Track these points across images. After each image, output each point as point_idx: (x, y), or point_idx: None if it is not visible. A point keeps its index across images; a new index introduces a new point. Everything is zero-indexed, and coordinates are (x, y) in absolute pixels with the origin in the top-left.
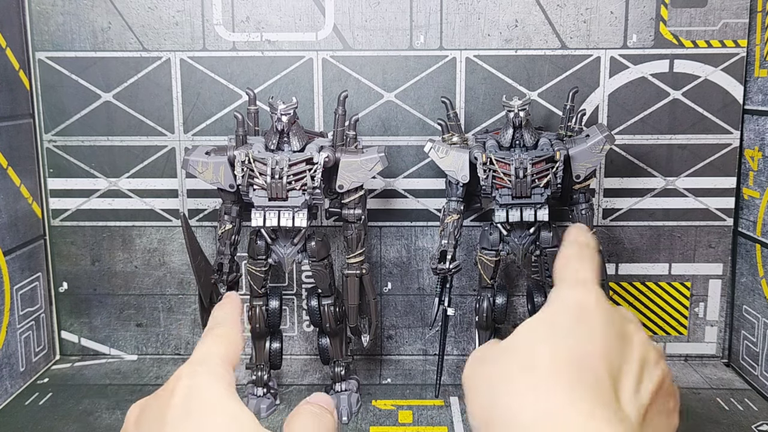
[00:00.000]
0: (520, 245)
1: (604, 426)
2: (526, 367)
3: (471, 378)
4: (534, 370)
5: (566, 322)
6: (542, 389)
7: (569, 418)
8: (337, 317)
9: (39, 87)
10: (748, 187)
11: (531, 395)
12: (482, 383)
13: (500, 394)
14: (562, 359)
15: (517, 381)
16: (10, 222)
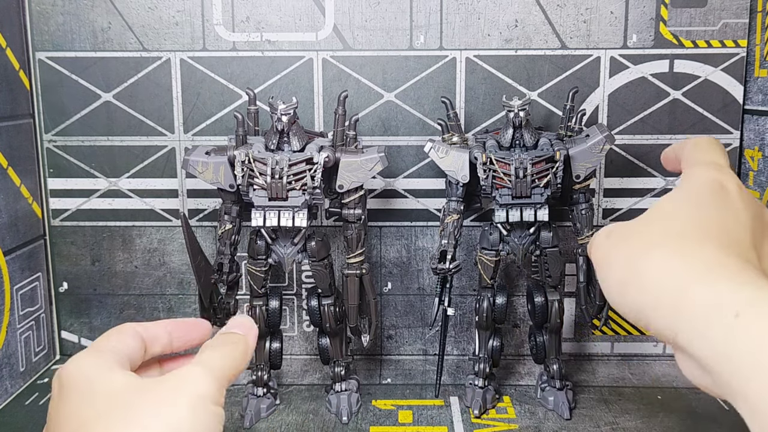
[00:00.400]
0: (520, 245)
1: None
2: (673, 234)
3: (605, 254)
4: (683, 237)
5: (708, 196)
6: (694, 252)
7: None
8: (337, 317)
9: (39, 87)
10: (748, 187)
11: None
12: (620, 255)
13: (646, 261)
14: (710, 228)
15: (665, 246)
16: (10, 222)
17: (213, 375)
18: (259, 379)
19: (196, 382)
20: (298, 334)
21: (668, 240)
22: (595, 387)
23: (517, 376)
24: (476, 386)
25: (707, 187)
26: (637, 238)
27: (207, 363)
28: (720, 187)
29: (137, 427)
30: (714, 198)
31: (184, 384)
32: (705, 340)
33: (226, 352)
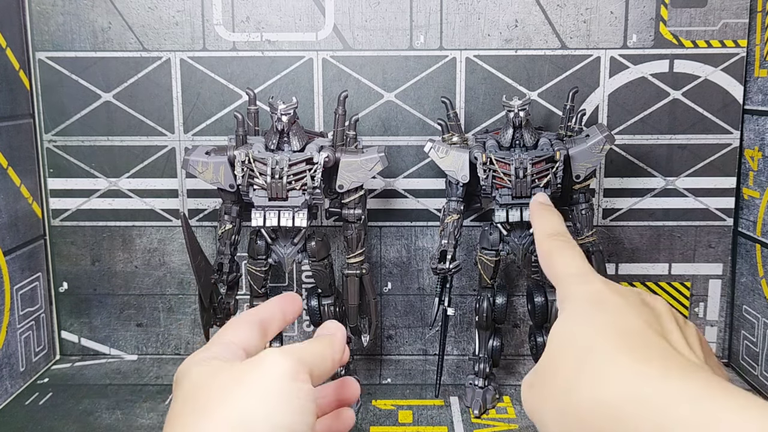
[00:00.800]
0: (520, 245)
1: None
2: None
3: (533, 408)
4: (592, 352)
5: (592, 311)
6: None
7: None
8: (337, 317)
9: (39, 87)
10: (748, 187)
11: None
12: (548, 408)
13: (575, 396)
14: (611, 335)
15: (584, 372)
16: (10, 222)
17: (291, 356)
18: None
19: (272, 362)
20: (298, 334)
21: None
22: None
23: (517, 376)
24: (476, 386)
25: (588, 305)
26: (558, 383)
27: (288, 348)
28: (597, 298)
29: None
30: (599, 311)
31: (260, 365)
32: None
33: (310, 346)
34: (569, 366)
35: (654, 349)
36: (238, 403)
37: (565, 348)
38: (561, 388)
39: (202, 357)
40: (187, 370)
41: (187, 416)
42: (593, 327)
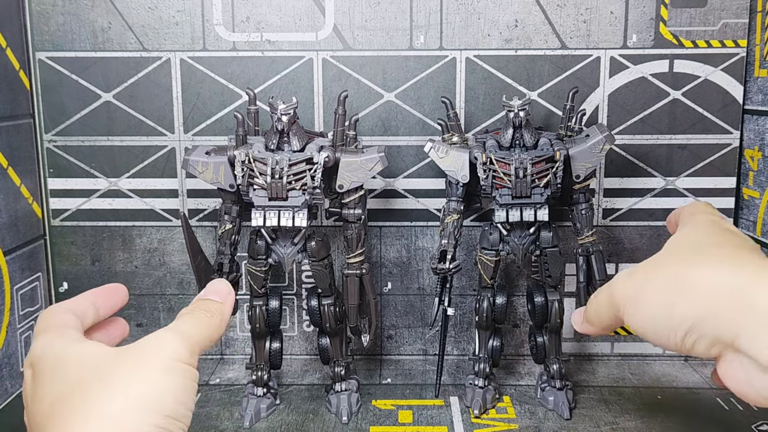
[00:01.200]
0: (520, 245)
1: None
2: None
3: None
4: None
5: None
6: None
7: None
8: (337, 317)
9: (39, 87)
10: (748, 187)
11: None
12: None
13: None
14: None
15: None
16: (10, 222)
17: (183, 339)
18: (259, 379)
19: (166, 344)
20: (298, 334)
21: (706, 257)
22: (595, 387)
23: (517, 376)
24: (476, 386)
25: (711, 223)
26: (670, 266)
27: (178, 329)
28: (720, 224)
29: (114, 392)
30: (720, 228)
31: (155, 347)
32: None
33: (201, 321)
34: (686, 256)
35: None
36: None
37: (685, 245)
38: (673, 272)
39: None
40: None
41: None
42: (714, 237)
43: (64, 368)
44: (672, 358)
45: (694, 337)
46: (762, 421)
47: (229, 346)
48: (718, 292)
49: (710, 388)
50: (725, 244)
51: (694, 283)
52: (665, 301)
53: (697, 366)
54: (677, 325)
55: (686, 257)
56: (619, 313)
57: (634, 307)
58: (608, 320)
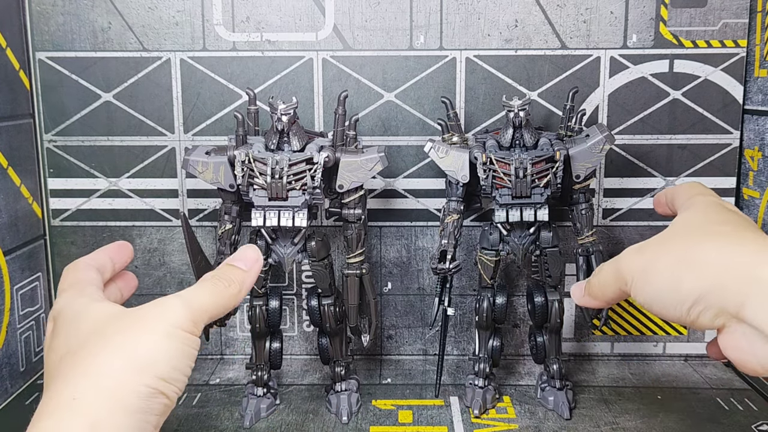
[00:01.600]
0: (520, 245)
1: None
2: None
3: (643, 264)
4: (723, 230)
5: (718, 207)
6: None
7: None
8: (337, 317)
9: (39, 87)
10: (748, 187)
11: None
12: (664, 259)
13: (701, 251)
14: (737, 223)
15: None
16: (10, 222)
17: (189, 308)
18: (259, 379)
19: (170, 311)
20: (298, 334)
21: (712, 235)
22: (595, 387)
23: (517, 376)
24: (476, 386)
25: (713, 203)
26: (678, 243)
27: (187, 297)
28: (722, 204)
29: (114, 351)
30: (722, 208)
31: (159, 313)
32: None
33: (216, 290)
34: (693, 234)
35: (757, 234)
36: (142, 342)
37: (691, 225)
38: (681, 248)
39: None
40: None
41: (93, 349)
42: (717, 216)
43: (78, 325)
44: (672, 358)
45: (699, 309)
46: (762, 421)
47: (229, 346)
48: (725, 265)
49: (710, 388)
50: (729, 223)
51: (702, 258)
52: (673, 275)
53: (697, 366)
54: (684, 298)
55: (693, 235)
56: (626, 287)
57: (642, 281)
58: (612, 294)
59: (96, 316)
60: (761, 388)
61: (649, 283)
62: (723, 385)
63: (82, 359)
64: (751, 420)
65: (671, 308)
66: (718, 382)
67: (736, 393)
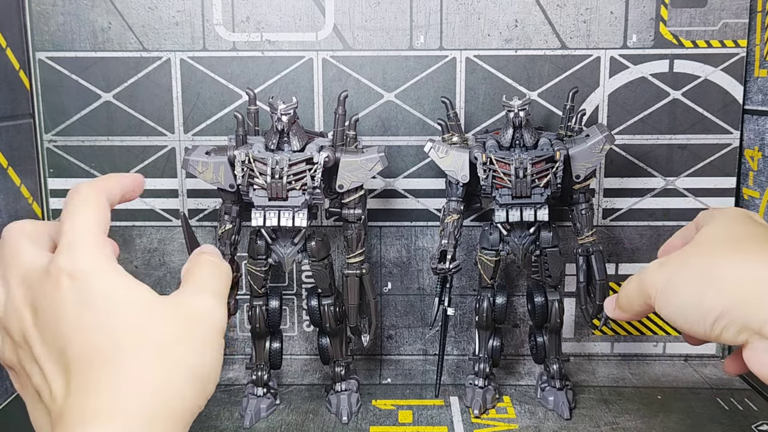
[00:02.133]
0: (520, 245)
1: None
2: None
3: (666, 279)
4: (746, 245)
5: (744, 218)
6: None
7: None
8: (337, 317)
9: (39, 87)
10: (748, 187)
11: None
12: (687, 274)
13: (723, 267)
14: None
15: (736, 252)
16: (10, 222)
17: (225, 305)
18: (259, 379)
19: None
20: (298, 334)
21: (734, 249)
22: (595, 387)
23: (517, 376)
24: (476, 386)
25: (736, 214)
26: (700, 258)
27: (221, 295)
28: (746, 214)
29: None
30: (748, 219)
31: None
32: None
33: (224, 282)
34: (716, 248)
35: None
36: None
37: (714, 238)
38: (703, 262)
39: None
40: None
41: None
42: (744, 228)
43: (117, 310)
44: (672, 358)
45: (722, 324)
46: (762, 421)
47: (229, 346)
48: (747, 280)
49: (710, 388)
50: (753, 236)
51: (724, 273)
52: (696, 290)
53: (697, 366)
54: (707, 313)
55: (716, 249)
56: (650, 301)
57: (665, 296)
58: (639, 307)
59: (134, 305)
60: (761, 388)
61: (672, 297)
62: (723, 385)
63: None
64: (751, 420)
65: (694, 323)
66: (718, 382)
67: (736, 393)
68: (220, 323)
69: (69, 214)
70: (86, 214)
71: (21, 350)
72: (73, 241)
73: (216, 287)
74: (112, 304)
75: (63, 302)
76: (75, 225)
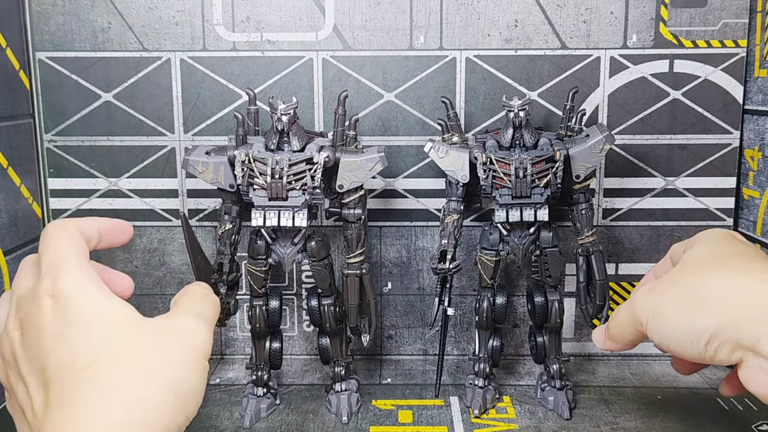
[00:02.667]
0: (520, 245)
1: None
2: (724, 264)
3: (656, 303)
4: (733, 263)
5: (727, 238)
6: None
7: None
8: (337, 317)
9: (39, 87)
10: (748, 187)
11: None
12: (676, 297)
13: (712, 288)
14: (746, 255)
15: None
16: (10, 222)
17: (211, 331)
18: (259, 379)
19: (204, 341)
20: (298, 334)
21: (721, 268)
22: (595, 387)
23: (517, 376)
24: (476, 386)
25: (722, 234)
26: (687, 280)
27: (206, 319)
28: (730, 234)
29: (156, 380)
30: (731, 239)
31: (195, 341)
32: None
33: (211, 309)
34: (702, 268)
35: (766, 265)
36: (183, 376)
37: (700, 259)
38: (691, 284)
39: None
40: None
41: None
42: (727, 248)
43: (97, 326)
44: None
45: (716, 344)
46: (762, 421)
47: (229, 346)
48: (737, 298)
49: (710, 388)
50: (738, 255)
51: (713, 293)
52: (686, 313)
53: None
54: (699, 335)
55: (702, 270)
56: (642, 328)
57: (656, 320)
58: (631, 336)
59: (114, 321)
60: None
61: (663, 321)
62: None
63: (118, 381)
64: (751, 420)
65: (688, 346)
66: (718, 382)
67: None
68: (203, 345)
69: (44, 248)
70: (60, 243)
71: (10, 369)
72: (52, 265)
73: (202, 311)
74: (93, 320)
75: (44, 320)
76: (53, 253)
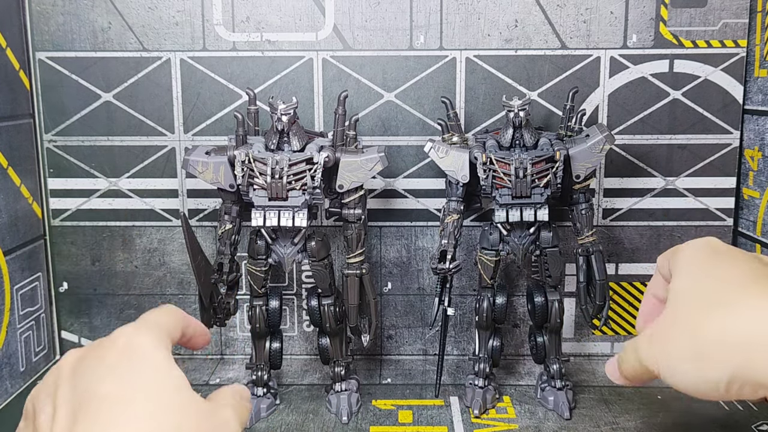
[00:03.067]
0: (520, 245)
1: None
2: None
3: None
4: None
5: (709, 257)
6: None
7: None
8: (337, 317)
9: (39, 87)
10: (748, 187)
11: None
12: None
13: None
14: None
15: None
16: (10, 222)
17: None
18: (259, 379)
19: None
20: (298, 334)
21: (712, 304)
22: (595, 387)
23: (517, 376)
24: (476, 386)
25: (700, 252)
26: (684, 324)
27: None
28: (708, 245)
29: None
30: (710, 254)
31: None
32: None
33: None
34: (696, 310)
35: (760, 289)
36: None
37: (687, 297)
38: (688, 329)
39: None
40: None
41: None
42: (710, 272)
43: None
44: None
45: (736, 388)
46: (762, 421)
47: (229, 346)
48: (740, 340)
49: None
50: (725, 280)
51: (714, 341)
52: (695, 366)
53: None
54: (716, 383)
55: (695, 308)
56: (656, 375)
57: (668, 371)
58: (648, 377)
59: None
60: None
61: (673, 373)
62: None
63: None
64: (751, 420)
65: (707, 393)
66: None
67: None
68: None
69: (144, 315)
70: (159, 314)
71: (43, 392)
72: (142, 322)
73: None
74: (147, 370)
75: (109, 351)
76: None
